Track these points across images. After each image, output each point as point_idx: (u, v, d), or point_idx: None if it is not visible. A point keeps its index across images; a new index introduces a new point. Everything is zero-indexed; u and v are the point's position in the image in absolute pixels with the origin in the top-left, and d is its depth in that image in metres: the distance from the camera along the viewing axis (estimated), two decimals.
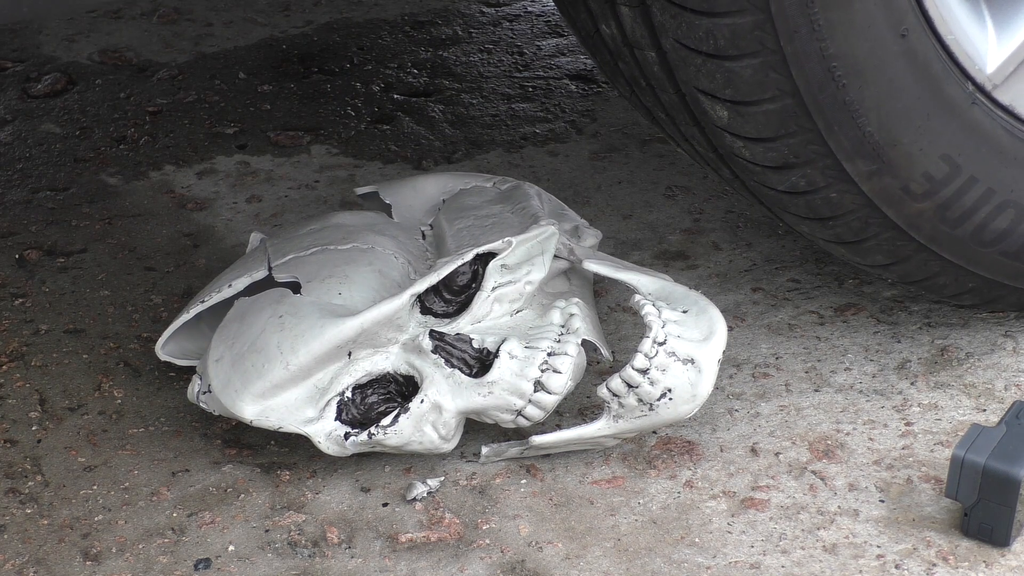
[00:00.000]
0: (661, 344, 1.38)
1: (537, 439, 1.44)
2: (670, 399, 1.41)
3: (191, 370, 1.53)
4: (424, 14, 2.09)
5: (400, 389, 1.45)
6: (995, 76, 1.50)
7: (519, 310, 1.47)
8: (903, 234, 1.53)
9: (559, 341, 1.45)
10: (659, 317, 1.42)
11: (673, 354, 1.39)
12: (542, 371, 1.42)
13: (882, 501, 1.46)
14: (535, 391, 1.42)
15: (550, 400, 1.43)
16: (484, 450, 1.45)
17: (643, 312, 1.43)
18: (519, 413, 1.42)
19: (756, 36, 1.40)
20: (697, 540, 1.43)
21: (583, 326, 1.47)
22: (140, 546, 1.41)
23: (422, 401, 1.42)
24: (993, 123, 1.51)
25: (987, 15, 1.51)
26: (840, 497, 1.47)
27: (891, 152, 1.47)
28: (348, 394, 1.43)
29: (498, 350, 1.43)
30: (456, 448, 1.48)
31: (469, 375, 1.43)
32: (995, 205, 1.52)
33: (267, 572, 1.39)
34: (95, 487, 1.47)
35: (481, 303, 1.45)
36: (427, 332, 1.45)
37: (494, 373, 1.42)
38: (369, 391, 1.44)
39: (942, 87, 1.47)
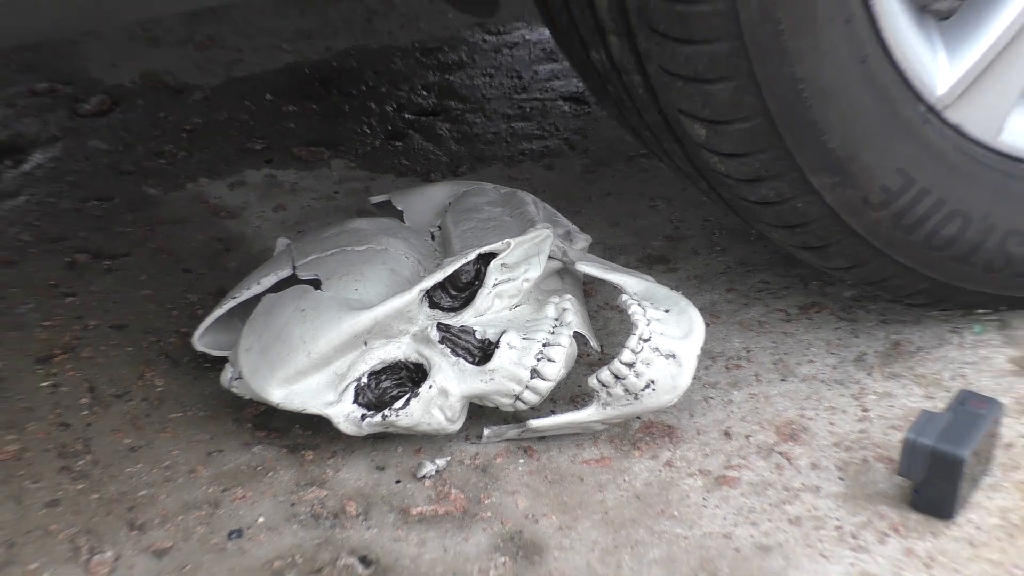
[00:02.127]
0: (646, 340, 1.41)
1: (533, 423, 1.46)
2: (653, 389, 1.43)
3: (224, 360, 1.55)
4: (432, 42, 2.10)
5: (411, 375, 1.46)
6: (945, 98, 1.51)
7: (517, 305, 1.49)
8: (862, 240, 1.54)
9: (553, 333, 1.46)
10: (644, 316, 1.45)
11: (656, 349, 1.42)
12: (538, 360, 1.44)
13: (841, 479, 1.48)
14: (531, 378, 1.44)
15: (544, 386, 1.45)
16: (486, 432, 1.48)
17: (630, 311, 1.45)
18: (517, 398, 1.45)
19: (731, 62, 1.40)
20: (676, 513, 1.44)
21: (575, 320, 1.48)
22: (180, 518, 1.43)
23: (430, 386, 1.43)
24: (943, 140, 1.52)
25: (939, 43, 1.51)
26: (803, 475, 1.49)
27: (852, 167, 1.48)
28: (364, 379, 1.45)
29: (498, 341, 1.45)
30: (461, 431, 1.50)
31: (472, 363, 1.45)
32: (945, 214, 1.54)
33: (293, 541, 1.41)
34: (139, 465, 1.49)
35: (483, 298, 1.49)
36: (435, 324, 1.46)
37: (495, 361, 1.44)
38: (383, 377, 1.46)
39: (898, 108, 1.48)
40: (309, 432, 1.52)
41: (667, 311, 1.47)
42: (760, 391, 1.60)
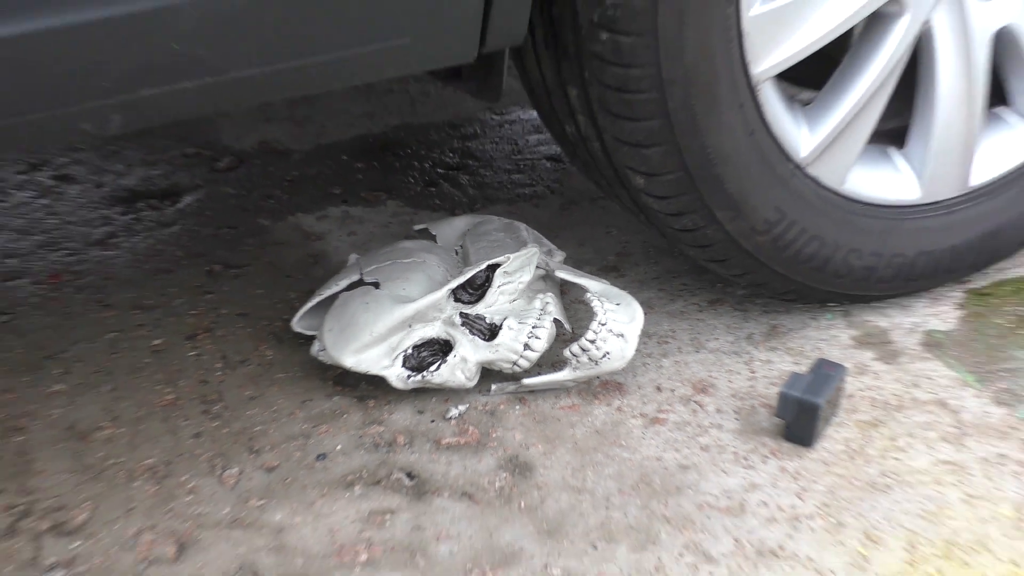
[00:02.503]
0: (603, 324, 1.44)
1: (526, 380, 1.48)
2: (609, 358, 1.46)
3: (313, 337, 1.54)
4: (457, 119, 2.09)
5: (441, 348, 1.47)
6: (807, 159, 1.51)
7: (515, 299, 1.50)
8: (751, 256, 1.54)
9: (540, 319, 1.48)
10: (602, 307, 1.47)
11: (611, 331, 1.45)
12: (529, 337, 1.47)
13: (736, 419, 1.48)
14: (524, 349, 1.47)
15: (534, 355, 1.48)
16: (493, 387, 1.50)
17: (592, 304, 1.47)
18: (515, 363, 1.48)
19: (662, 134, 1.40)
20: (623, 443, 1.44)
21: (555, 310, 1.51)
22: (283, 445, 1.43)
23: (455, 356, 1.46)
24: (806, 188, 1.52)
25: (803, 121, 1.51)
26: (711, 417, 1.48)
27: (744, 205, 1.48)
28: (409, 350, 1.46)
29: (502, 324, 1.48)
30: (476, 387, 1.49)
31: (484, 340, 1.47)
32: (807, 238, 1.54)
33: (360, 462, 1.41)
34: (255, 410, 1.49)
35: (491, 295, 1.49)
36: (458, 313, 1.49)
37: (499, 338, 1.47)
38: (422, 349, 1.47)
39: (775, 166, 1.47)
40: (371, 387, 1.51)
41: (618, 304, 1.48)
42: (681, 359, 1.59)
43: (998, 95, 1.65)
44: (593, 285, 1.53)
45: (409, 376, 1.47)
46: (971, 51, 1.54)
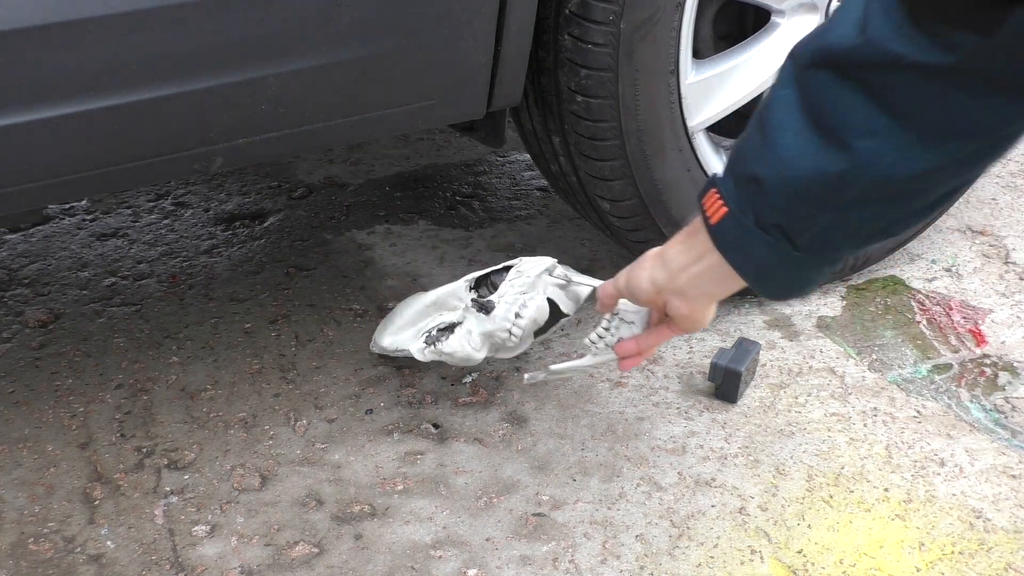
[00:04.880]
0: (615, 314, 1.20)
1: (553, 367, 1.31)
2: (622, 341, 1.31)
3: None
4: (470, 160, 2.07)
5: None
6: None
7: (525, 292, 1.33)
8: None
9: (532, 297, 1.32)
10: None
11: (622, 319, 1.20)
12: (519, 307, 1.31)
13: (679, 382, 1.46)
14: (515, 318, 1.31)
15: (523, 322, 1.31)
16: (526, 376, 1.32)
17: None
18: (509, 332, 1.31)
19: (622, 170, 1.39)
20: (595, 401, 1.42)
21: (551, 292, 1.34)
22: (340, 403, 1.41)
23: (461, 328, 1.33)
24: None
25: (722, 156, 1.49)
26: (660, 381, 1.47)
27: (683, 223, 1.43)
28: (433, 332, 1.36)
29: (499, 301, 1.33)
30: (485, 363, 1.42)
31: (485, 315, 1.32)
32: None
33: (398, 415, 1.39)
34: (320, 376, 1.46)
35: (503, 287, 1.33)
36: (470, 299, 1.35)
37: (495, 312, 1.31)
38: (444, 331, 1.36)
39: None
40: (407, 361, 1.49)
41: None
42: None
43: None
44: (596, 284, 1.40)
45: (425, 348, 1.36)
46: None
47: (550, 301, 1.37)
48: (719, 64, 1.42)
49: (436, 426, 1.37)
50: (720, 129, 1.56)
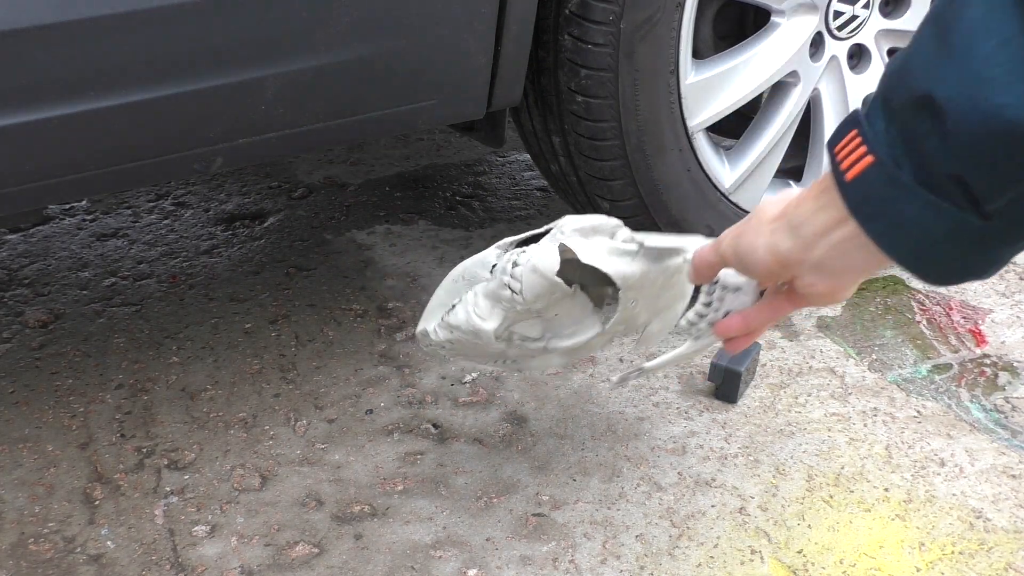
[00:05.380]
0: (716, 283, 0.98)
1: (647, 364, 1.16)
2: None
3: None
4: (470, 160, 2.07)
5: None
6: (730, 189, 1.49)
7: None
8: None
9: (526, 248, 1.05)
10: None
11: (725, 287, 0.97)
12: (518, 255, 1.03)
13: (679, 383, 1.46)
14: (512, 267, 1.02)
15: (519, 271, 1.03)
16: (614, 379, 1.17)
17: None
18: (509, 288, 1.03)
19: (622, 170, 1.39)
20: (595, 401, 1.42)
21: (566, 238, 1.04)
22: (340, 403, 1.41)
23: (468, 295, 1.08)
24: (729, 210, 1.49)
25: (726, 161, 1.50)
26: (660, 381, 1.46)
27: (683, 223, 1.46)
28: (455, 305, 1.12)
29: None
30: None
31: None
32: None
33: (398, 415, 1.39)
34: (320, 376, 1.46)
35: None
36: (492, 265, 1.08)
37: (496, 267, 1.05)
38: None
39: (706, 194, 1.46)
40: (407, 359, 1.49)
41: None
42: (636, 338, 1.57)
43: None
44: (688, 241, 1.01)
45: (438, 326, 1.12)
46: (847, 110, 1.54)
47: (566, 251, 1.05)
48: (719, 64, 1.42)
49: (436, 426, 1.37)
50: (720, 129, 1.56)
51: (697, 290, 1.05)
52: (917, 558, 1.18)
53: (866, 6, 1.50)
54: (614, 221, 1.04)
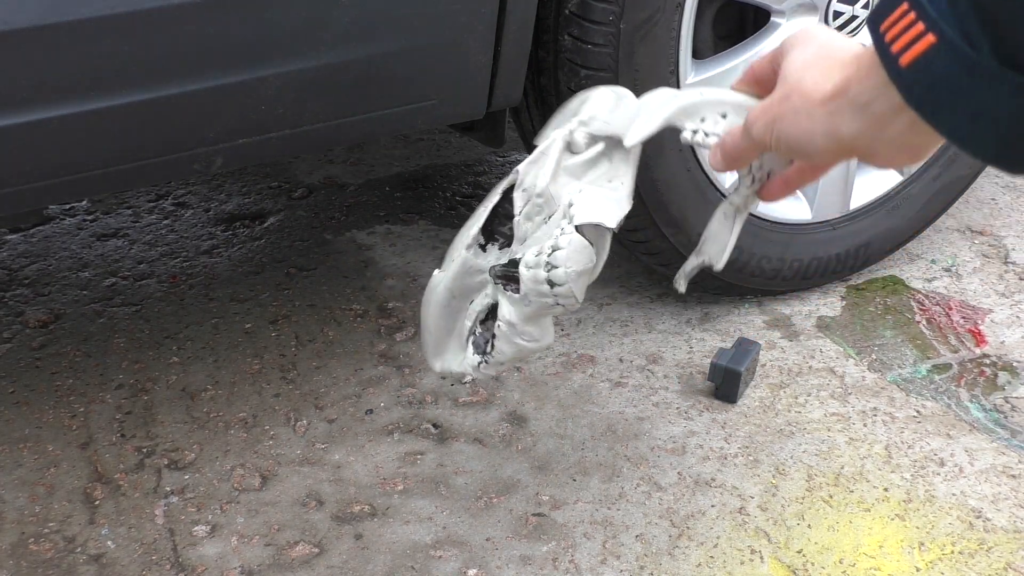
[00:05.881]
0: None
1: (709, 260, 0.95)
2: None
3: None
4: (470, 160, 2.07)
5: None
6: (729, 189, 1.48)
7: (550, 215, 0.89)
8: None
9: (558, 238, 0.86)
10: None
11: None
12: (548, 271, 0.86)
13: (679, 382, 1.46)
14: (552, 288, 0.86)
15: (565, 288, 0.86)
16: (679, 282, 1.01)
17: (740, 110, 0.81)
18: (559, 305, 0.88)
19: None
20: (595, 401, 1.42)
21: (580, 211, 0.86)
22: (340, 403, 1.41)
23: (499, 325, 0.91)
24: None
25: None
26: (660, 381, 1.46)
27: (683, 223, 1.46)
28: (477, 330, 0.97)
29: (518, 267, 0.88)
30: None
31: (515, 293, 0.89)
32: (732, 249, 1.51)
33: (398, 415, 1.38)
34: (320, 376, 1.46)
35: (519, 227, 0.90)
36: (490, 268, 0.92)
37: (522, 287, 0.88)
38: (487, 326, 0.96)
39: (705, 193, 1.46)
40: (407, 359, 1.49)
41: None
42: (637, 338, 1.56)
43: None
44: (735, 98, 0.80)
45: (480, 364, 0.96)
46: None
47: (590, 232, 0.87)
48: (719, 64, 1.42)
49: (436, 426, 1.37)
50: None
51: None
52: (917, 558, 1.18)
53: (866, 6, 1.50)
54: (552, 136, 0.88)
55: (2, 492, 1.26)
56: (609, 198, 0.88)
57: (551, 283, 0.86)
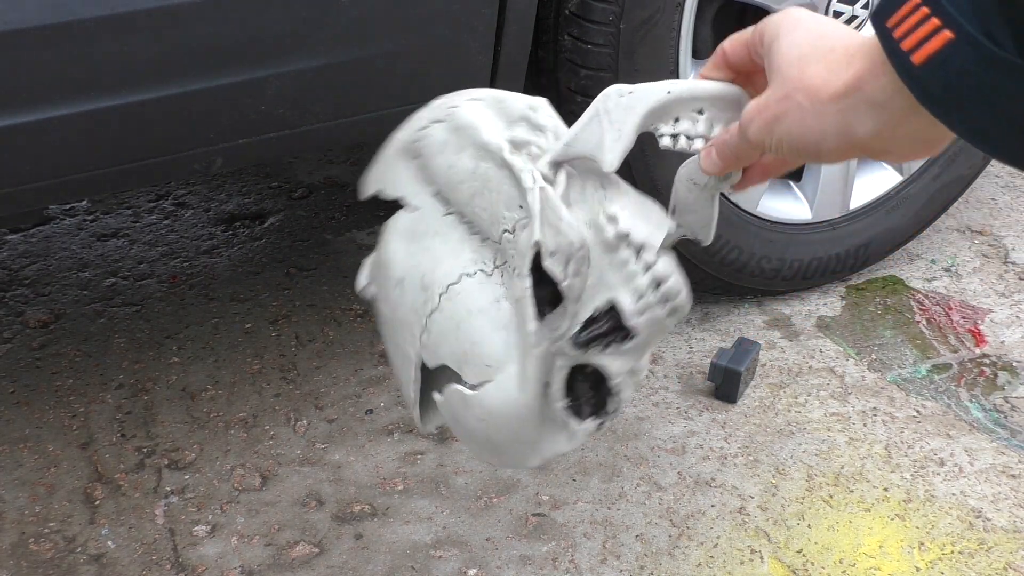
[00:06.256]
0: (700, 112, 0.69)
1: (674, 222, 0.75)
2: None
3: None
4: None
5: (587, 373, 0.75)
6: (730, 193, 1.49)
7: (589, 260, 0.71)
8: (689, 262, 1.49)
9: (648, 267, 0.71)
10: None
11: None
12: (666, 307, 0.72)
13: (679, 382, 1.46)
14: (670, 316, 0.73)
15: (677, 304, 0.72)
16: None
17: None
18: (676, 313, 0.73)
19: (621, 170, 1.38)
20: None
21: (643, 230, 0.72)
22: (340, 403, 1.41)
23: (615, 381, 0.74)
24: (729, 210, 1.49)
25: None
26: (660, 381, 1.46)
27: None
28: (566, 402, 0.77)
29: (603, 322, 0.72)
30: None
31: (626, 341, 0.72)
32: (731, 248, 1.50)
33: (398, 415, 1.38)
34: (320, 376, 1.46)
35: (571, 289, 0.71)
36: (573, 341, 0.72)
37: (640, 335, 0.72)
38: (578, 380, 0.76)
39: None
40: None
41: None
42: None
43: None
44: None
45: (603, 423, 0.76)
46: None
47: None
48: None
49: (436, 426, 1.37)
50: None
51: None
52: (917, 558, 1.18)
53: (865, 6, 1.50)
54: (530, 183, 0.71)
55: (2, 492, 1.26)
56: (642, 206, 0.74)
57: (672, 313, 0.73)
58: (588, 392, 0.74)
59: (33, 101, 0.99)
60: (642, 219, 0.73)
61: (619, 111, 0.69)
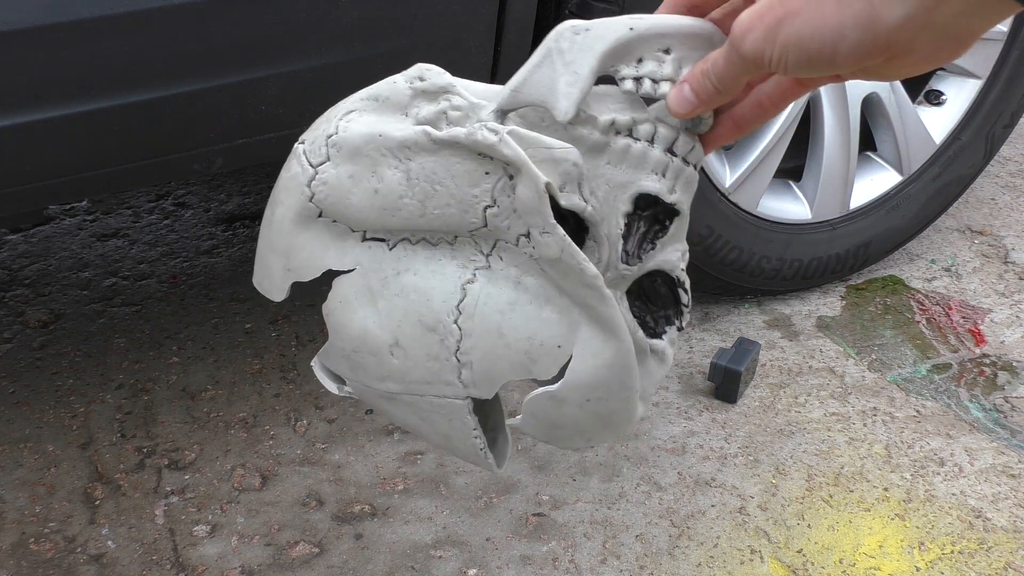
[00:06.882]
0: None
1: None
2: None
3: None
4: None
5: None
6: (729, 188, 1.48)
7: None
8: (693, 266, 1.51)
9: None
10: None
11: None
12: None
13: (679, 383, 1.46)
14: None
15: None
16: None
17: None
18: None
19: None
20: None
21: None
22: (340, 403, 1.40)
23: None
24: (729, 210, 1.49)
25: (726, 162, 1.50)
26: None
27: None
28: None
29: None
30: None
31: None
32: (730, 247, 1.50)
33: None
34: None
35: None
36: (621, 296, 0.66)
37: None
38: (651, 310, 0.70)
39: (705, 193, 1.45)
40: None
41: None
42: None
43: (868, 143, 1.64)
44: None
45: (675, 325, 0.69)
46: (847, 111, 1.54)
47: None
48: None
49: None
50: None
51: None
52: (917, 558, 1.18)
53: None
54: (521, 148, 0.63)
55: (2, 492, 1.26)
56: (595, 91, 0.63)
57: (697, 162, 0.64)
58: (645, 308, 0.68)
59: (33, 101, 0.99)
60: (610, 101, 0.63)
61: (574, 51, 0.61)
